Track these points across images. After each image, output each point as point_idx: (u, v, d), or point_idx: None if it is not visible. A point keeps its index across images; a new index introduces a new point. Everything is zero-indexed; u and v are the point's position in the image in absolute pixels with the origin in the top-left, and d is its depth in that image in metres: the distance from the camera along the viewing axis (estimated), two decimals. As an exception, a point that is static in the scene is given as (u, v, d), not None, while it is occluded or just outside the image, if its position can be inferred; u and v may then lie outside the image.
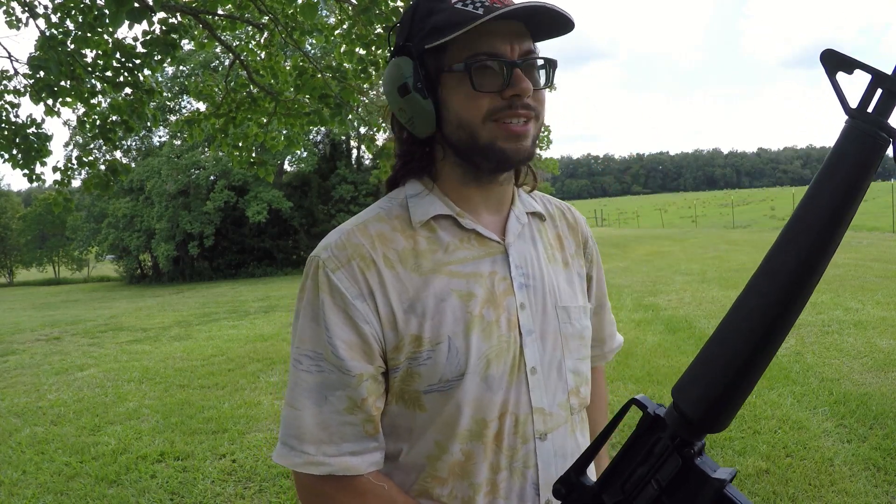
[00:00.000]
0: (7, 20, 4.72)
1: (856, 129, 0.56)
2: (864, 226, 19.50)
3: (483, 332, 0.84)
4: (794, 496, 3.02)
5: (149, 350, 7.94)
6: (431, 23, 0.84)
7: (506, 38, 0.83)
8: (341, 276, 0.83)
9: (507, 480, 0.86)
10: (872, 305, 7.17)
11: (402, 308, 0.83)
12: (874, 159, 0.56)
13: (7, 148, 4.69)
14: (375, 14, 4.19)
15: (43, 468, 3.95)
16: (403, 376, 0.84)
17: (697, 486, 0.63)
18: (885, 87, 0.55)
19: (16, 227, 37.89)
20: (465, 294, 0.85)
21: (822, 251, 0.57)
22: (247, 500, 3.38)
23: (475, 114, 0.83)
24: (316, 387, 0.82)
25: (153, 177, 23.64)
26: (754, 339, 0.60)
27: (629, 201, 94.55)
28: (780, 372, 4.90)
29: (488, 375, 0.84)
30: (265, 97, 5.32)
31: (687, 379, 0.64)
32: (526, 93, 0.82)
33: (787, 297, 0.59)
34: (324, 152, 25.71)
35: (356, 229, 0.87)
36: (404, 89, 0.85)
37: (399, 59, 0.86)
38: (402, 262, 0.85)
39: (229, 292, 16.76)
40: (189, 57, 21.47)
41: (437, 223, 0.89)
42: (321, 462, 0.81)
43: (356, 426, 0.82)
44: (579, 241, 1.04)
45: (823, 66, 0.57)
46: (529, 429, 0.87)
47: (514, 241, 0.92)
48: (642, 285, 10.37)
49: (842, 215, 0.57)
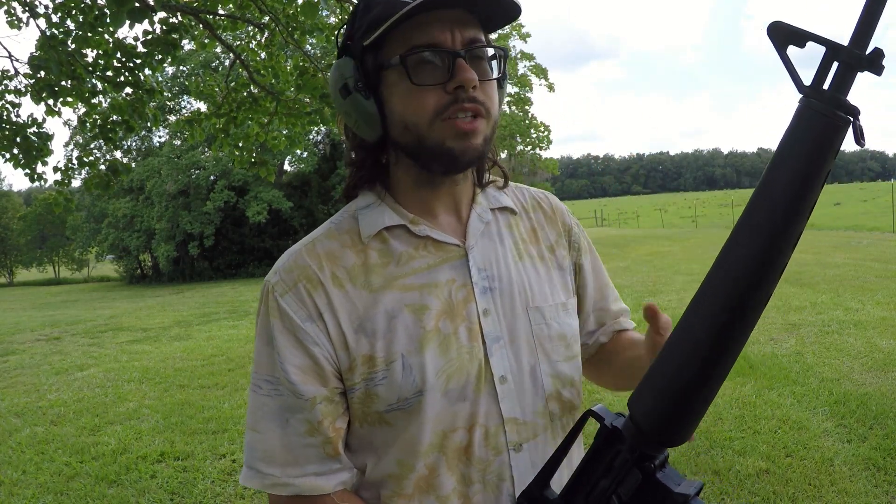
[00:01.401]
0: (8, 20, 4.71)
1: (810, 109, 0.50)
2: (864, 226, 19.51)
3: (440, 347, 0.80)
4: (794, 496, 3.02)
5: (149, 350, 7.94)
6: (368, 18, 0.79)
7: (445, 27, 0.77)
8: (289, 299, 0.81)
9: (480, 493, 0.82)
10: (872, 305, 7.17)
11: (353, 328, 0.80)
12: (832, 141, 0.49)
13: (8, 148, 4.69)
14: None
15: (43, 468, 3.95)
16: (362, 398, 0.81)
17: (660, 501, 0.60)
18: (841, 60, 0.49)
19: (16, 227, 37.88)
20: (419, 308, 0.81)
21: (774, 252, 0.52)
22: (247, 500, 3.38)
23: (420, 114, 0.78)
24: (277, 410, 0.81)
25: (153, 177, 23.64)
26: (703, 350, 0.55)
27: (629, 201, 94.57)
28: (780, 372, 4.90)
29: (449, 390, 0.80)
30: (266, 97, 5.33)
31: (640, 389, 0.61)
32: (469, 83, 0.76)
33: (737, 304, 0.53)
34: (324, 152, 25.71)
35: (304, 250, 0.84)
36: (345, 90, 0.81)
37: (340, 60, 0.82)
38: (351, 280, 0.82)
39: (229, 292, 16.76)
40: (189, 57, 21.46)
41: (389, 234, 0.85)
42: (286, 483, 0.80)
43: (317, 447, 0.81)
44: (560, 230, 0.98)
45: (771, 40, 0.51)
46: (502, 440, 0.82)
47: (475, 243, 0.87)
48: (642, 285, 10.37)
49: (797, 210, 0.50)
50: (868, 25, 0.48)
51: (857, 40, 0.49)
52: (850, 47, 0.49)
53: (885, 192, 23.55)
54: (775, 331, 6.30)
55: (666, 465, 0.63)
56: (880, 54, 0.48)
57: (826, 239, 16.60)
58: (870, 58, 0.48)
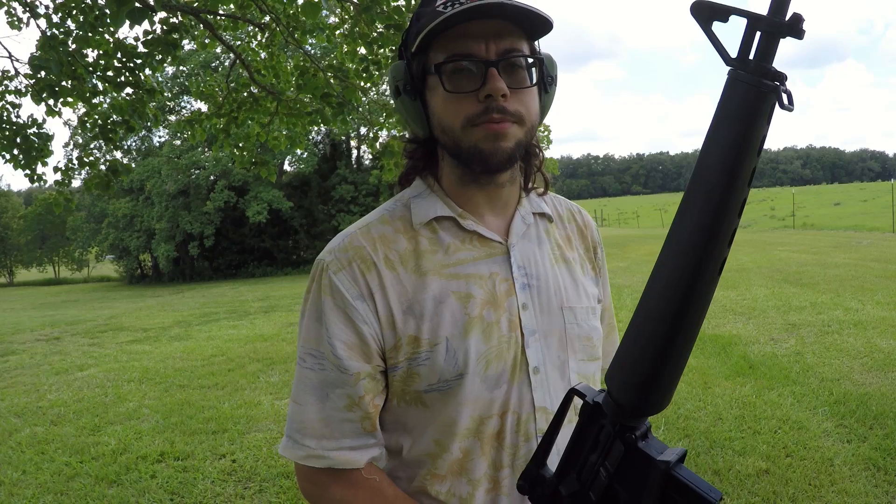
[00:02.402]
0: (8, 20, 4.72)
1: (738, 80, 0.52)
2: (864, 226, 19.51)
3: (483, 334, 0.85)
4: (794, 496, 3.02)
5: (149, 350, 7.94)
6: (417, 27, 0.85)
7: (481, 38, 0.81)
8: (342, 277, 0.86)
9: (509, 477, 0.87)
10: (872, 305, 7.17)
11: (401, 309, 0.85)
12: (760, 107, 0.51)
13: (8, 148, 4.69)
14: (377, 13, 4.19)
15: (43, 468, 3.95)
16: (403, 376, 0.85)
17: (644, 469, 0.62)
18: (762, 30, 0.51)
19: (16, 227, 37.89)
20: (464, 296, 0.86)
21: (716, 218, 0.54)
22: (247, 500, 3.38)
23: (454, 119, 0.83)
24: (318, 384, 0.85)
25: (153, 177, 23.65)
26: (663, 320, 0.57)
27: (629, 201, 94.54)
28: (780, 372, 4.90)
29: (488, 376, 0.85)
30: (267, 97, 5.33)
31: (614, 364, 0.64)
32: (498, 92, 0.80)
33: (692, 271, 0.56)
34: (324, 152, 25.71)
35: (359, 232, 0.89)
36: (396, 92, 0.88)
37: (395, 64, 0.89)
38: (402, 264, 0.87)
39: (229, 292, 16.76)
40: (189, 57, 21.47)
41: (438, 224, 0.90)
42: (321, 455, 0.84)
43: (355, 423, 0.85)
44: (588, 245, 1.04)
45: (695, 18, 0.53)
46: (532, 427, 0.87)
47: (517, 242, 0.92)
48: (642, 285, 10.28)
49: (733, 175, 0.53)
50: None
51: (775, 8, 0.50)
52: (770, 16, 0.50)
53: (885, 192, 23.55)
54: (775, 331, 6.30)
55: (648, 435, 0.65)
56: (799, 19, 0.49)
57: (826, 239, 16.60)
58: (789, 24, 0.50)
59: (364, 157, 26.14)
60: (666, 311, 0.57)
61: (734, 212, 0.55)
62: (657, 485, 0.61)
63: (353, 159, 26.30)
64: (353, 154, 26.43)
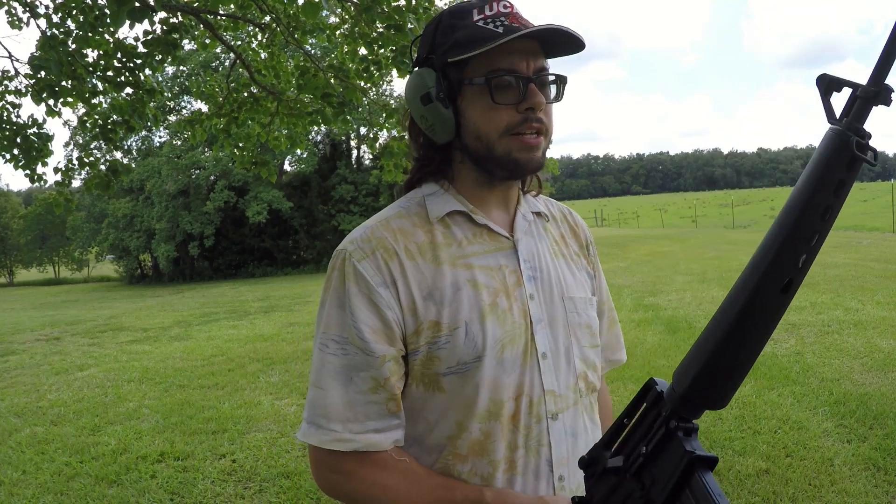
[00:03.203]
0: (8, 20, 4.72)
1: (831, 131, 0.62)
2: (864, 226, 19.52)
3: (498, 319, 0.91)
4: (794, 496, 3.02)
5: (149, 350, 7.94)
6: (454, 38, 0.91)
7: (522, 56, 0.90)
8: (366, 265, 0.90)
9: (523, 458, 0.92)
10: (872, 305, 7.18)
11: (422, 296, 0.90)
12: (842, 153, 0.61)
13: (8, 148, 4.69)
14: (377, 13, 4.19)
15: (43, 468, 3.95)
16: (424, 360, 0.90)
17: (673, 455, 0.68)
18: (859, 96, 0.61)
19: (16, 227, 37.90)
20: (479, 284, 0.92)
21: (787, 239, 0.62)
22: (247, 500, 3.38)
23: (493, 127, 0.90)
24: (342, 368, 0.89)
25: (153, 177, 23.65)
26: (728, 320, 0.63)
27: (629, 201, 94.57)
28: (780, 372, 4.90)
29: (503, 359, 0.91)
30: (267, 97, 5.32)
31: (684, 358, 0.69)
32: (539, 106, 0.89)
33: (751, 287, 0.62)
34: (324, 152, 25.71)
35: (379, 225, 0.95)
36: (427, 98, 0.92)
37: (423, 70, 0.94)
38: (421, 254, 0.93)
39: (229, 292, 16.76)
40: (189, 57, 21.48)
41: (451, 219, 0.96)
42: (348, 439, 0.87)
43: (380, 405, 0.88)
44: (581, 243, 1.11)
45: (818, 88, 0.63)
46: (542, 409, 0.93)
47: (521, 237, 0.99)
48: (642, 285, 10.37)
49: (810, 205, 0.62)
50: (882, 67, 0.61)
51: (874, 79, 0.61)
52: (867, 85, 0.60)
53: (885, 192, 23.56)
54: (775, 331, 6.30)
55: (693, 434, 0.69)
56: (888, 89, 0.60)
57: (826, 239, 16.59)
58: (880, 92, 0.61)
59: (364, 157, 26.15)
60: (724, 318, 0.64)
61: (803, 240, 0.62)
62: (677, 474, 0.66)
63: (353, 159, 26.31)
64: (353, 154, 26.44)
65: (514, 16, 0.91)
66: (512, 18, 0.90)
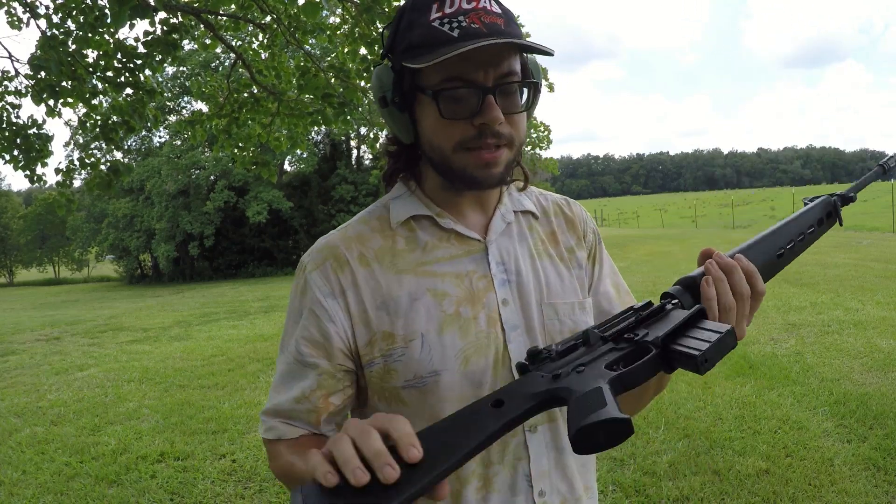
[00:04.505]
0: (8, 20, 4.71)
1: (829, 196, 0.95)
2: (864, 226, 19.51)
3: (460, 330, 0.86)
4: (794, 496, 3.02)
5: (149, 350, 7.94)
6: (409, 39, 0.82)
7: (479, 63, 0.79)
8: (315, 276, 0.89)
9: (499, 473, 0.87)
10: (872, 305, 7.18)
11: (375, 305, 0.87)
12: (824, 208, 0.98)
13: (8, 149, 4.69)
14: (377, 13, 4.19)
15: (43, 468, 3.95)
16: (381, 372, 0.87)
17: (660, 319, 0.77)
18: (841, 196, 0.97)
19: (16, 227, 37.91)
20: (440, 293, 0.87)
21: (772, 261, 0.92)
22: (247, 500, 3.38)
23: (446, 141, 0.83)
24: (281, 376, 0.92)
25: (153, 177, 23.64)
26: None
27: (629, 201, 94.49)
28: (780, 372, 4.90)
29: (468, 371, 0.85)
30: (268, 97, 5.32)
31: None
32: (495, 122, 0.80)
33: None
34: (324, 152, 25.71)
35: (337, 233, 0.93)
36: (383, 101, 0.87)
37: (381, 70, 0.88)
38: (378, 261, 0.89)
39: (229, 292, 16.76)
40: (190, 57, 21.47)
41: (416, 223, 0.92)
42: (271, 427, 0.91)
43: (303, 413, 0.89)
44: (580, 233, 1.02)
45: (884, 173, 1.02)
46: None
47: (495, 239, 0.93)
48: (642, 285, 10.36)
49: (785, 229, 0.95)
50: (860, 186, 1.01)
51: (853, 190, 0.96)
52: (883, 163, 0.95)
53: (885, 192, 23.53)
54: (775, 331, 6.31)
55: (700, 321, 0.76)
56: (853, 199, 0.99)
57: (826, 239, 16.57)
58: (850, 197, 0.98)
59: (364, 157, 26.15)
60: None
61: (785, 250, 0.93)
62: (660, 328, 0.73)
63: (353, 159, 26.30)
64: (353, 154, 26.44)
65: (476, 14, 0.79)
66: (472, 18, 0.78)
